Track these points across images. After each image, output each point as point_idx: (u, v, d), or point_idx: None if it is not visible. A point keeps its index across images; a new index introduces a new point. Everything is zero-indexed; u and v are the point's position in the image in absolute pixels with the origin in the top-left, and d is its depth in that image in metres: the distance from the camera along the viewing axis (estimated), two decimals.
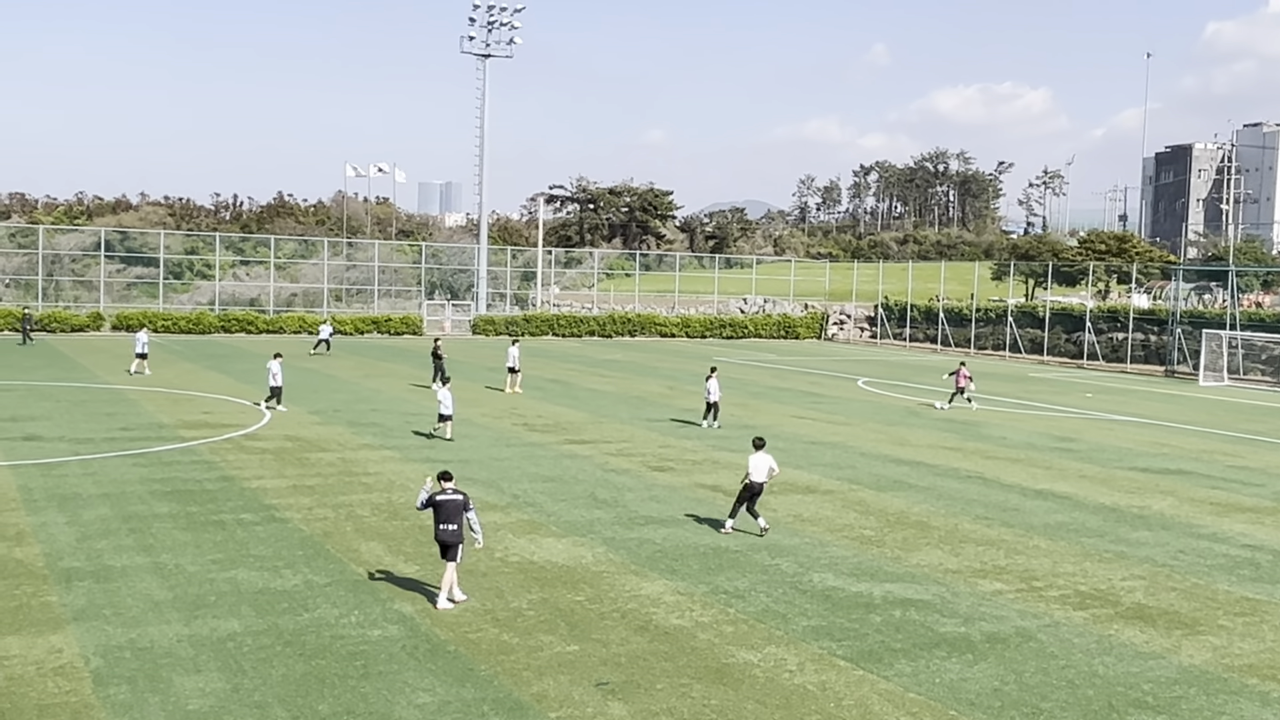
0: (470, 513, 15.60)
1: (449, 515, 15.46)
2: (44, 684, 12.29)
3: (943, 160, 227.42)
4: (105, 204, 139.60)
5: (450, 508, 15.47)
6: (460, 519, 15.50)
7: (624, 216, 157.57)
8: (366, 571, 17.15)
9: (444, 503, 15.51)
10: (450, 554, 15.54)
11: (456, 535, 15.47)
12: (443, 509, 15.49)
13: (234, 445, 28.11)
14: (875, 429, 35.41)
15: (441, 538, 15.54)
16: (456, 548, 15.54)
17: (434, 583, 16.20)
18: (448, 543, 15.51)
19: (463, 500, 15.59)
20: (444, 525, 15.48)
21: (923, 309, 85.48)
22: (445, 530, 15.48)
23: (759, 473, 20.14)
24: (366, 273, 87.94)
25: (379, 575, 16.96)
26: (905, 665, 13.81)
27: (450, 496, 15.56)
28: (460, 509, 15.51)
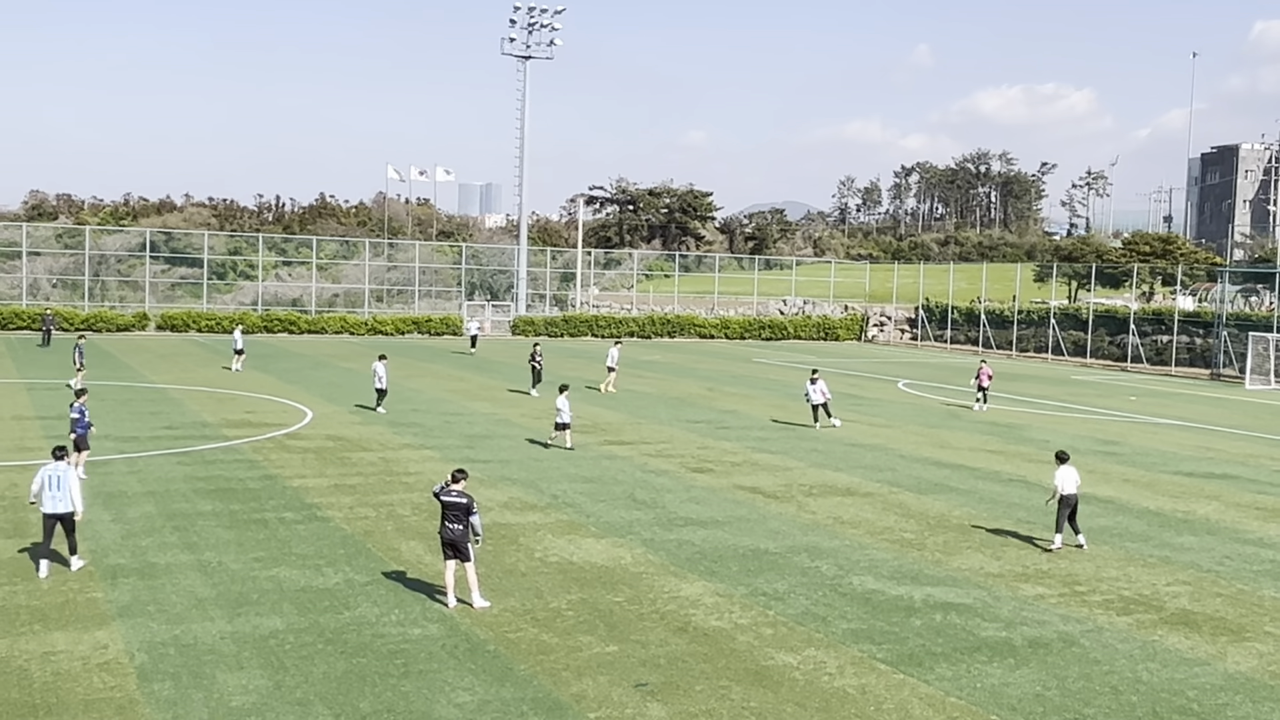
0: (474, 517, 15.43)
1: (453, 515, 15.34)
2: (89, 679, 12.44)
3: (985, 161, 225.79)
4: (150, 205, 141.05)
5: (454, 509, 15.36)
6: (465, 520, 15.34)
7: (663, 218, 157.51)
8: (407, 570, 17.24)
9: (448, 503, 15.42)
10: (461, 554, 15.41)
11: (462, 535, 15.35)
12: (447, 509, 15.40)
13: (276, 444, 28.34)
14: (916, 431, 35.21)
15: (446, 536, 15.42)
16: (465, 547, 15.39)
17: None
18: (453, 541, 15.39)
19: (467, 504, 15.39)
20: (448, 524, 15.38)
21: (964, 311, 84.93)
22: (449, 530, 15.36)
23: (1069, 485, 19.87)
24: (407, 273, 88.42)
25: (419, 574, 17.04)
26: (946, 669, 13.72)
27: (455, 499, 15.43)
28: (465, 512, 15.34)
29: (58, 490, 16.42)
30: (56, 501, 16.41)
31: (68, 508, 16.47)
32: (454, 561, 15.54)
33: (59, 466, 16.62)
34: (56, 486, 16.43)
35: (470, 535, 15.43)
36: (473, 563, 15.63)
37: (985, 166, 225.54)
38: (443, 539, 15.52)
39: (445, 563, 15.64)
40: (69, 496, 16.46)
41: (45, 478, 16.48)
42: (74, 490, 16.55)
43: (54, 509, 16.42)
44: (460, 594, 15.66)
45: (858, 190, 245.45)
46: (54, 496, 16.41)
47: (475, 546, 15.68)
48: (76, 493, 16.60)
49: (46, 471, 16.56)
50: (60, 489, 16.43)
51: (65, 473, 16.61)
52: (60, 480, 16.48)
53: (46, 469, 16.61)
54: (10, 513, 20.00)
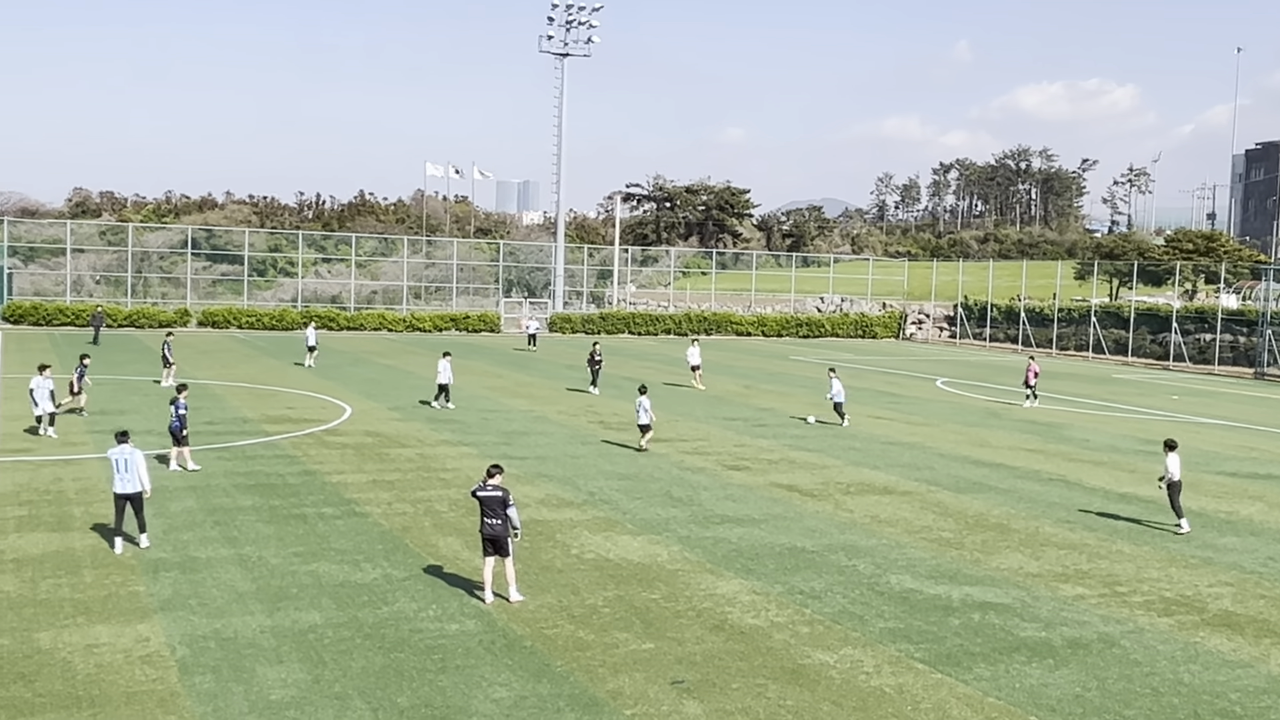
0: (511, 509, 15.54)
1: (490, 510, 15.47)
2: (131, 672, 12.58)
3: (1025, 158, 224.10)
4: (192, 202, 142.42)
5: (491, 503, 15.48)
6: (502, 514, 15.46)
7: (700, 215, 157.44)
8: (444, 566, 17.32)
9: (485, 498, 15.53)
10: (500, 548, 15.51)
11: (502, 529, 15.46)
12: (484, 504, 15.52)
13: (315, 440, 28.55)
14: (954, 430, 35.00)
15: (486, 532, 15.52)
16: (505, 542, 15.51)
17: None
18: (493, 537, 15.49)
19: (503, 497, 15.51)
20: (487, 520, 15.48)
21: (1003, 308, 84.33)
22: (490, 525, 15.47)
23: (1179, 470, 21.55)
24: (445, 271, 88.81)
25: (456, 570, 17.12)
26: (984, 669, 13.63)
27: (491, 493, 15.53)
28: (501, 504, 15.46)
29: (126, 472, 17.47)
30: (126, 482, 17.48)
31: (136, 488, 17.52)
32: (493, 558, 15.63)
33: (125, 449, 17.60)
34: (125, 468, 17.47)
35: (509, 529, 15.52)
36: (511, 558, 15.69)
37: (1025, 163, 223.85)
38: (483, 535, 15.60)
39: (484, 559, 15.72)
40: (137, 477, 17.51)
41: (115, 460, 17.50)
42: (142, 470, 17.60)
43: (124, 489, 17.49)
44: (498, 589, 15.74)
45: (896, 187, 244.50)
46: (123, 478, 17.47)
47: (514, 540, 15.76)
48: (144, 472, 17.67)
49: (115, 454, 17.57)
50: (129, 470, 17.48)
51: (133, 454, 17.60)
52: (129, 462, 17.51)
53: (114, 452, 17.62)
54: (55, 507, 20.26)
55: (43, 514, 19.70)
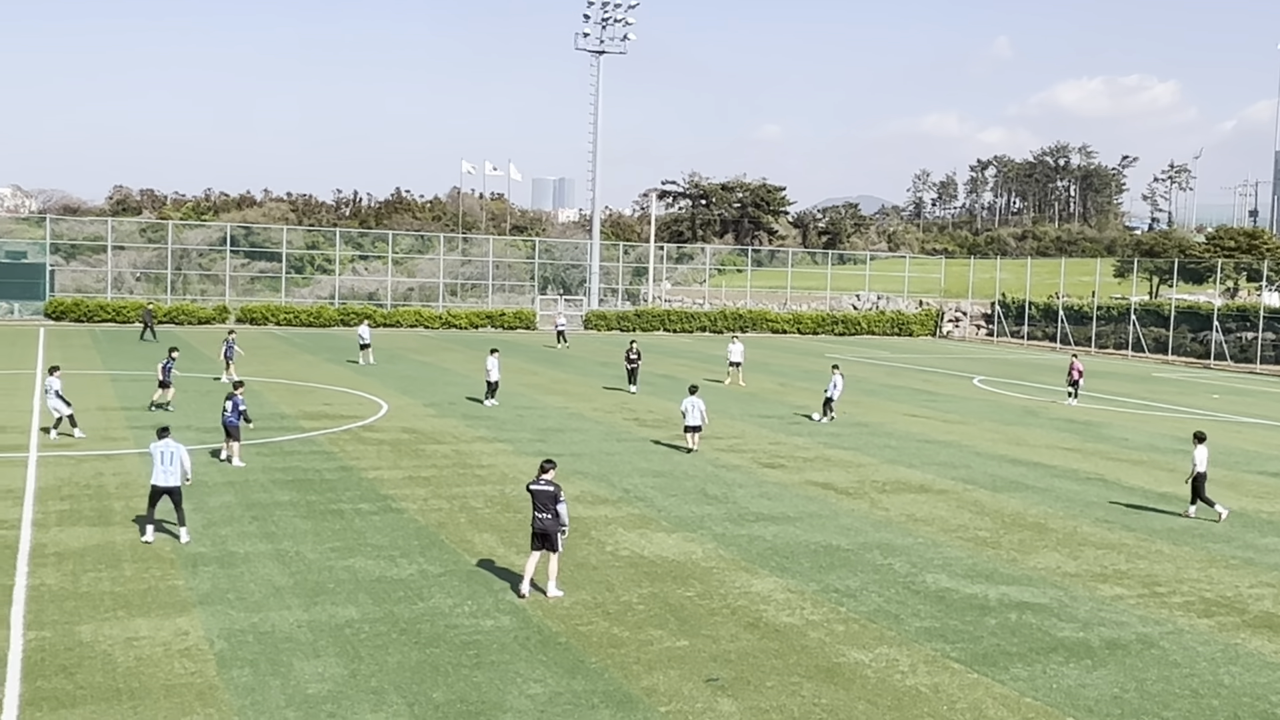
0: (561, 505, 15.71)
1: (542, 504, 15.68)
2: (171, 665, 12.70)
3: (1064, 154, 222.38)
4: (231, 200, 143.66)
5: (543, 497, 15.69)
6: (553, 508, 15.65)
7: (736, 212, 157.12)
8: (479, 562, 17.38)
9: (537, 492, 15.77)
10: (549, 543, 15.69)
11: (553, 524, 15.66)
12: (536, 498, 15.75)
13: (352, 436, 28.72)
14: (991, 428, 34.79)
15: (537, 526, 15.75)
16: (555, 537, 15.71)
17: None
18: (544, 531, 15.69)
19: (554, 492, 15.71)
20: (538, 514, 15.70)
21: (1041, 306, 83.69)
22: (541, 520, 15.69)
23: (1204, 463, 22.18)
24: (481, 268, 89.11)
25: (492, 567, 17.18)
26: (1021, 669, 13.54)
27: (543, 487, 15.74)
28: (552, 499, 15.66)
29: (170, 465, 17.74)
30: (169, 475, 17.72)
31: (178, 481, 17.82)
32: (539, 552, 15.79)
33: (169, 443, 17.90)
34: (169, 461, 17.75)
35: (558, 524, 15.72)
36: (558, 554, 15.85)
37: (1064, 160, 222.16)
38: (534, 529, 15.82)
39: (533, 552, 15.88)
40: (181, 470, 17.84)
41: (159, 453, 17.77)
42: (186, 464, 18.02)
43: (165, 482, 17.73)
44: (538, 581, 15.90)
45: (933, 184, 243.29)
46: (166, 470, 17.71)
47: (562, 535, 15.98)
48: (188, 465, 18.13)
49: (159, 447, 17.84)
50: (173, 463, 17.76)
51: (177, 448, 17.90)
52: (173, 455, 17.78)
53: (158, 445, 17.89)
54: (95, 501, 20.48)
55: (84, 508, 19.93)
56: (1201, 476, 22.16)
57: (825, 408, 34.62)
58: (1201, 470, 22.13)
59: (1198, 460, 22.11)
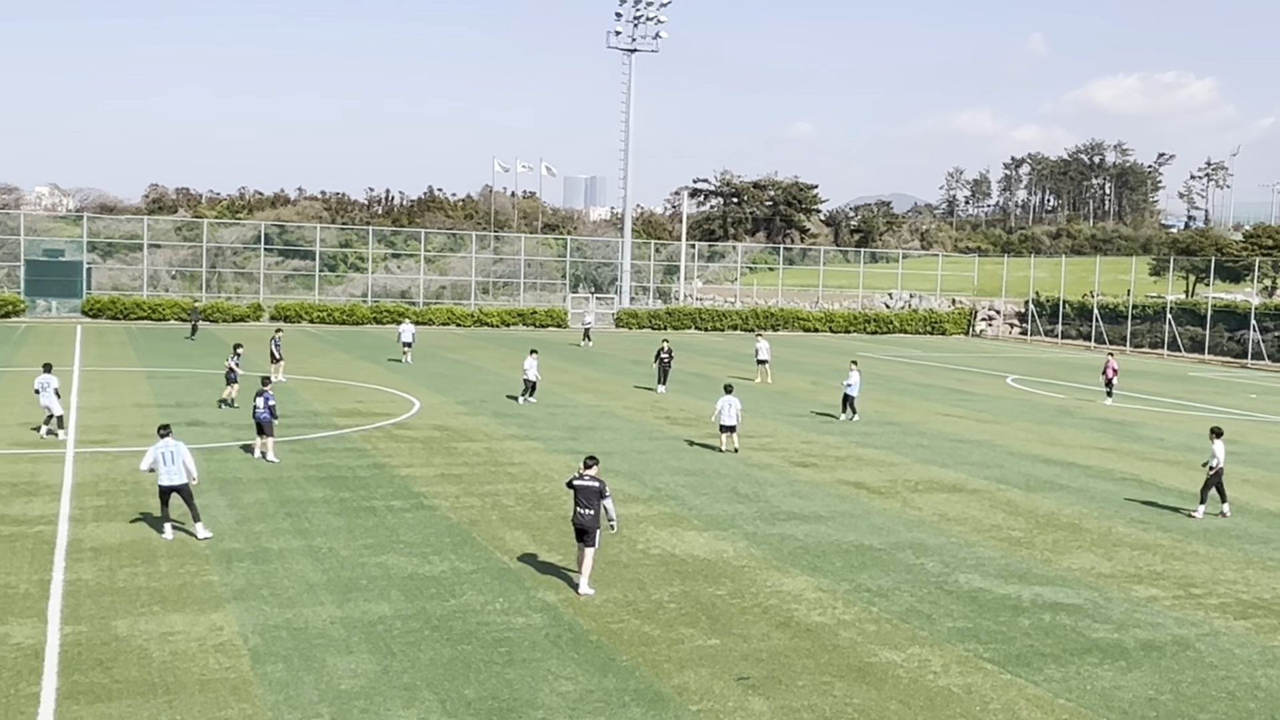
0: (606, 500, 15.83)
1: (585, 500, 15.77)
2: (205, 660, 12.80)
3: (1099, 152, 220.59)
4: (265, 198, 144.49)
5: (586, 493, 15.78)
6: (596, 504, 15.74)
7: (768, 210, 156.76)
8: (511, 560, 17.42)
9: (580, 487, 15.86)
10: (588, 538, 15.80)
11: (593, 520, 15.75)
12: (579, 493, 15.84)
13: (385, 434, 28.85)
14: (1025, 428, 34.56)
15: (577, 521, 15.87)
16: (593, 532, 15.80)
17: (576, 570, 16.41)
18: (583, 527, 15.81)
19: (598, 487, 15.81)
20: (580, 509, 15.79)
21: (1076, 305, 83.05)
22: (581, 515, 15.78)
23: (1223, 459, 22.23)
24: (513, 266, 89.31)
25: (523, 564, 17.22)
26: (1055, 670, 13.45)
27: (586, 482, 15.85)
28: (596, 495, 15.76)
29: (172, 464, 17.73)
30: (172, 475, 17.74)
31: (183, 480, 17.81)
32: (591, 550, 15.96)
33: (168, 443, 17.88)
34: (171, 461, 17.73)
35: (604, 520, 15.84)
36: (594, 549, 15.94)
37: (1099, 157, 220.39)
38: (574, 524, 15.95)
39: (579, 545, 16.05)
40: (183, 468, 17.82)
41: (160, 454, 17.75)
42: (188, 461, 17.94)
43: (169, 481, 17.76)
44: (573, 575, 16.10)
45: (966, 182, 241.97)
46: (169, 470, 17.73)
47: (611, 531, 16.19)
48: (190, 463, 18.01)
49: (159, 449, 17.81)
50: (175, 463, 17.75)
51: (178, 447, 17.92)
52: (174, 455, 17.78)
53: (159, 446, 17.86)
54: (131, 497, 20.66)
55: (120, 504, 20.11)
56: (1219, 473, 22.12)
57: (846, 405, 34.48)
58: (1221, 466, 22.09)
59: (1220, 456, 22.04)
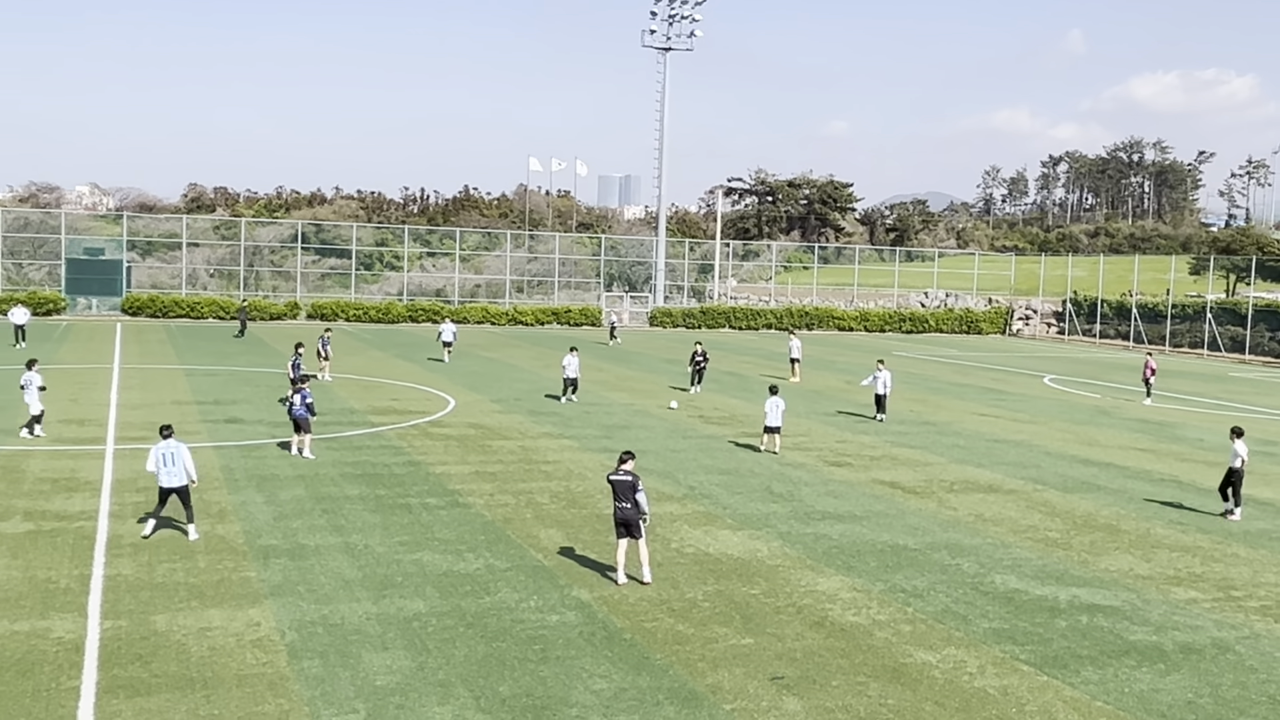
0: (640, 494, 16.23)
1: (622, 494, 16.23)
2: (243, 655, 12.91)
3: (1138, 150, 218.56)
4: (302, 198, 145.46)
5: (622, 487, 16.24)
6: (632, 497, 16.15)
7: (802, 209, 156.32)
8: (545, 558, 17.46)
9: (616, 482, 16.33)
10: (634, 531, 16.21)
11: (634, 513, 16.15)
12: (616, 488, 16.31)
13: (420, 431, 28.98)
14: (1062, 428, 34.30)
15: (618, 516, 16.27)
16: (636, 524, 16.21)
17: (610, 565, 16.44)
18: (625, 520, 16.21)
19: (632, 482, 16.24)
20: (619, 504, 16.26)
21: (1114, 304, 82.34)
22: (621, 509, 16.22)
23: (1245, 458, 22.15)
24: (547, 265, 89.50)
25: (557, 562, 17.25)
26: (1092, 673, 13.34)
27: (621, 477, 16.30)
28: (630, 488, 16.18)
29: (173, 466, 17.65)
30: (172, 477, 17.64)
31: (182, 481, 17.73)
32: (626, 540, 16.27)
33: (170, 444, 17.81)
34: (171, 462, 17.65)
35: (639, 512, 16.22)
36: (644, 540, 16.27)
37: (1139, 155, 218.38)
38: (615, 518, 16.33)
39: (617, 540, 16.40)
40: (183, 471, 17.72)
41: (160, 455, 17.66)
42: (188, 463, 17.84)
43: (169, 483, 17.67)
44: (630, 571, 16.31)
45: (1003, 181, 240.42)
46: (169, 472, 17.64)
47: (644, 524, 16.44)
48: (190, 465, 17.90)
49: (160, 449, 17.72)
50: (175, 464, 17.67)
51: (179, 449, 17.84)
52: (174, 456, 17.70)
53: (160, 447, 17.77)
54: None
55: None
56: (1240, 473, 22.05)
57: (879, 405, 34.27)
58: (1238, 466, 21.98)
59: (1244, 455, 21.92)
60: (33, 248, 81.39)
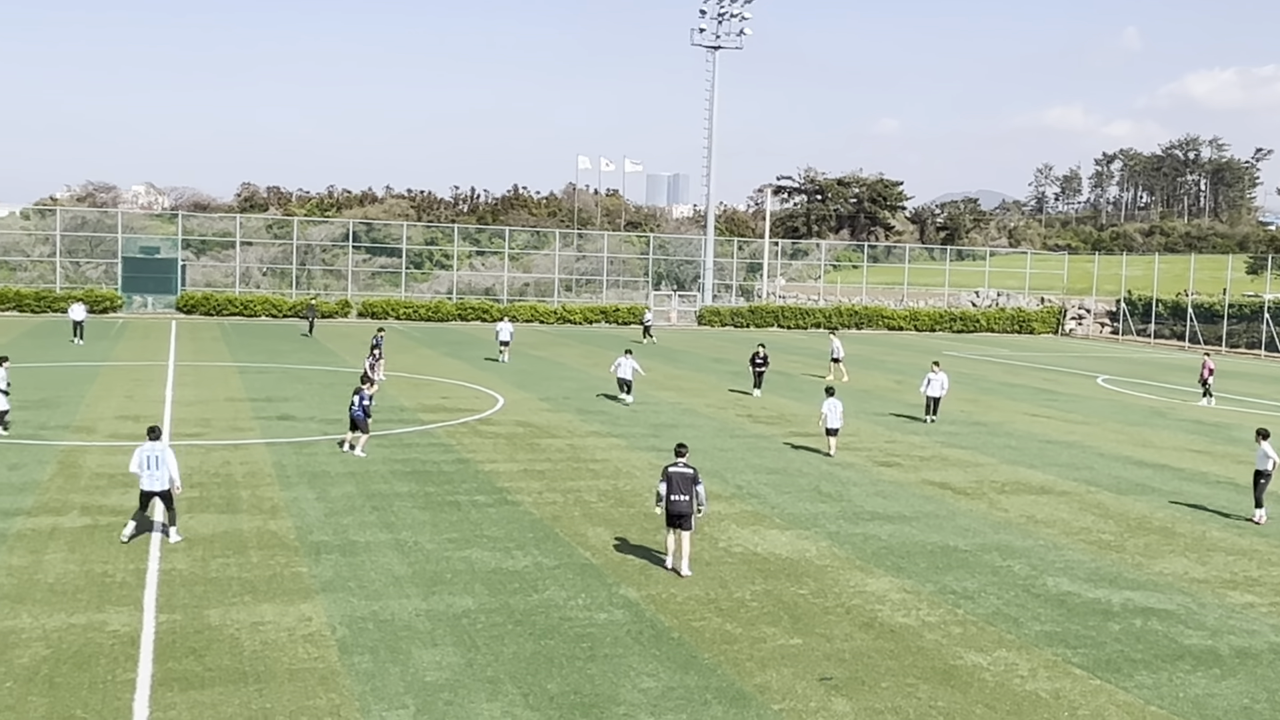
0: (699, 486, 16.54)
1: (680, 486, 16.38)
2: (295, 650, 13.04)
3: (1194, 147, 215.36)
4: (353, 197, 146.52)
5: (682, 479, 16.43)
6: (690, 490, 16.39)
7: (852, 207, 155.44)
8: (593, 556, 17.50)
9: (674, 474, 16.49)
10: (685, 523, 16.40)
11: (688, 505, 16.38)
12: (674, 481, 16.44)
13: (469, 429, 29.13)
14: (1115, 429, 33.89)
15: (673, 508, 16.41)
16: (689, 517, 16.41)
17: (659, 566, 16.48)
18: (680, 513, 16.40)
19: (693, 474, 16.52)
20: (675, 496, 16.38)
21: (1169, 304, 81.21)
22: (676, 501, 16.37)
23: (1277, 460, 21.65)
24: (595, 263, 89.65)
25: (605, 560, 17.28)
26: (1146, 677, 13.18)
27: (680, 470, 16.52)
28: (691, 481, 16.44)
29: (156, 469, 17.24)
30: (154, 480, 17.25)
31: (164, 485, 17.33)
32: (675, 530, 16.54)
33: (156, 446, 17.39)
34: (155, 465, 17.24)
35: (694, 505, 16.45)
36: (690, 534, 16.51)
37: (1195, 153, 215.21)
38: (669, 511, 16.48)
39: (668, 530, 16.67)
40: (166, 474, 17.31)
41: (144, 457, 17.25)
42: (172, 467, 17.42)
43: (151, 487, 17.29)
44: (675, 562, 16.60)
45: (1056, 179, 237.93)
46: (152, 475, 17.23)
47: (700, 514, 16.75)
48: (174, 469, 17.48)
49: (144, 451, 17.30)
50: (159, 468, 17.26)
51: (163, 452, 17.41)
52: (159, 459, 17.29)
53: (144, 449, 17.34)
54: (223, 489, 21.10)
55: (212, 496, 20.55)
56: (1268, 475, 21.59)
57: (932, 407, 33.73)
58: (1268, 469, 21.55)
59: (1274, 457, 21.42)
60: (90, 246, 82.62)
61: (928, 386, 33.69)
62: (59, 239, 77.18)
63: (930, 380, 33.70)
